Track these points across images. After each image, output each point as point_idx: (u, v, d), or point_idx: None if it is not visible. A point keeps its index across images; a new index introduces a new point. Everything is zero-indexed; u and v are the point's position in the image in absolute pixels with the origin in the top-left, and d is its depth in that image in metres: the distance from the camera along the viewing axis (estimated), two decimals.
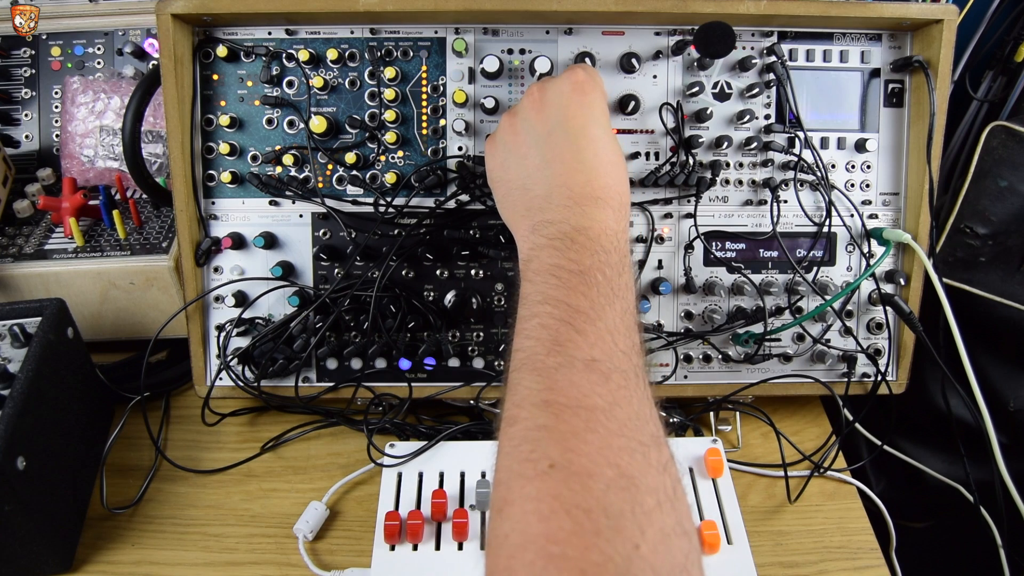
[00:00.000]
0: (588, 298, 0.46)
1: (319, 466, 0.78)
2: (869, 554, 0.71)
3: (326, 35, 0.76)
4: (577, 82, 0.57)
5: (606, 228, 0.51)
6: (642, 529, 0.36)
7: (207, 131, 0.77)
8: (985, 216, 0.82)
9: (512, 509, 0.38)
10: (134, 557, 0.70)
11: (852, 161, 0.79)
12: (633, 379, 0.43)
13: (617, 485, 0.37)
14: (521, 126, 0.58)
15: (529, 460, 0.39)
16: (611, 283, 0.47)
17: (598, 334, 0.44)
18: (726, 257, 0.79)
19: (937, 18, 0.73)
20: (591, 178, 0.53)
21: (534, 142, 0.56)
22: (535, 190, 0.55)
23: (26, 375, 0.64)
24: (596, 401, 0.41)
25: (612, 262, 0.49)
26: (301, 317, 0.76)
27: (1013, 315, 0.83)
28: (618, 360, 0.44)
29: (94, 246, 0.85)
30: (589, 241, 0.50)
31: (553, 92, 0.57)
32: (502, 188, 0.60)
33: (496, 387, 0.79)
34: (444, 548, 0.66)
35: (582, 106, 0.56)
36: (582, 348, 0.44)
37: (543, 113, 0.57)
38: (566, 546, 0.35)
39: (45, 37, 0.97)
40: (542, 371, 0.43)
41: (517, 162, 0.58)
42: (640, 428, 0.41)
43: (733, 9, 0.72)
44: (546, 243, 0.51)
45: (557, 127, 0.55)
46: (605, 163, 0.54)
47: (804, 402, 0.86)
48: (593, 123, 0.56)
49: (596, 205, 0.52)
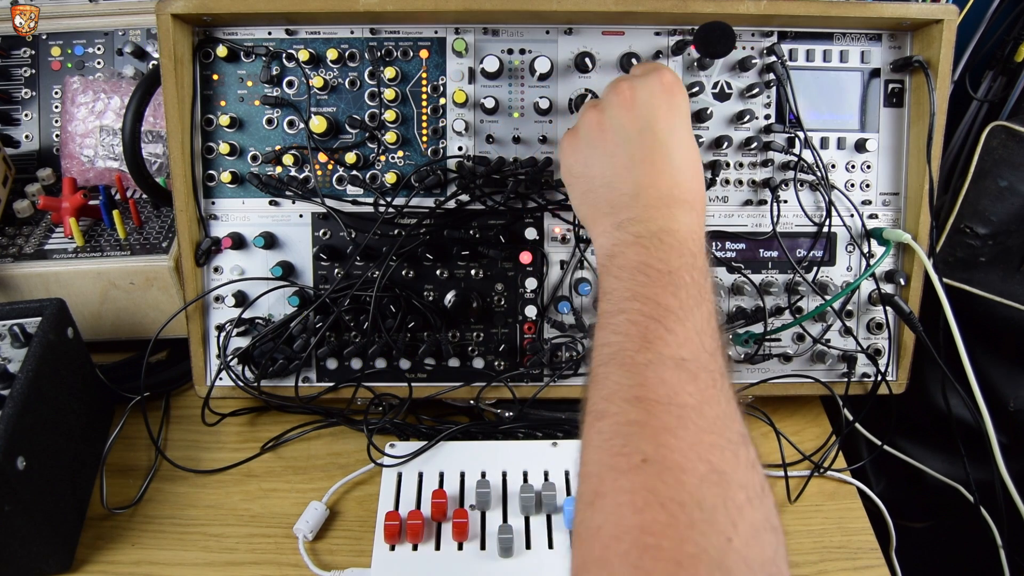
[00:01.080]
0: (677, 298, 0.47)
1: (319, 466, 0.78)
2: (869, 554, 0.71)
3: (326, 35, 0.76)
4: (667, 83, 0.57)
5: (692, 231, 0.52)
6: (734, 523, 0.36)
7: (207, 131, 0.77)
8: (985, 216, 0.82)
9: (605, 501, 0.39)
10: (134, 557, 0.70)
11: (852, 161, 0.79)
12: (719, 379, 0.44)
13: (709, 480, 0.38)
14: (609, 124, 0.57)
15: (621, 454, 0.40)
16: (698, 285, 0.48)
17: (687, 334, 0.45)
18: (726, 257, 0.79)
19: (937, 18, 0.73)
20: (679, 180, 0.54)
21: (623, 141, 0.56)
22: (622, 188, 0.55)
23: (26, 375, 0.64)
24: (686, 399, 0.41)
25: (698, 265, 0.50)
26: (301, 317, 0.76)
27: (1013, 315, 0.83)
28: (705, 360, 0.44)
29: (94, 246, 0.85)
30: (677, 243, 0.50)
31: (644, 92, 0.56)
32: (583, 183, 0.59)
33: (496, 387, 0.79)
34: (444, 548, 0.66)
35: (672, 108, 0.56)
36: (671, 347, 0.44)
37: (633, 112, 0.56)
38: (661, 537, 0.35)
39: (45, 37, 0.97)
40: (631, 367, 0.44)
41: (603, 159, 0.57)
42: (728, 426, 0.41)
43: (733, 9, 0.72)
44: (633, 240, 0.51)
45: (647, 128, 0.55)
46: (692, 166, 0.55)
47: (804, 402, 0.86)
48: (681, 125, 0.56)
49: (683, 208, 0.53)
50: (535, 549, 0.66)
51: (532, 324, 0.79)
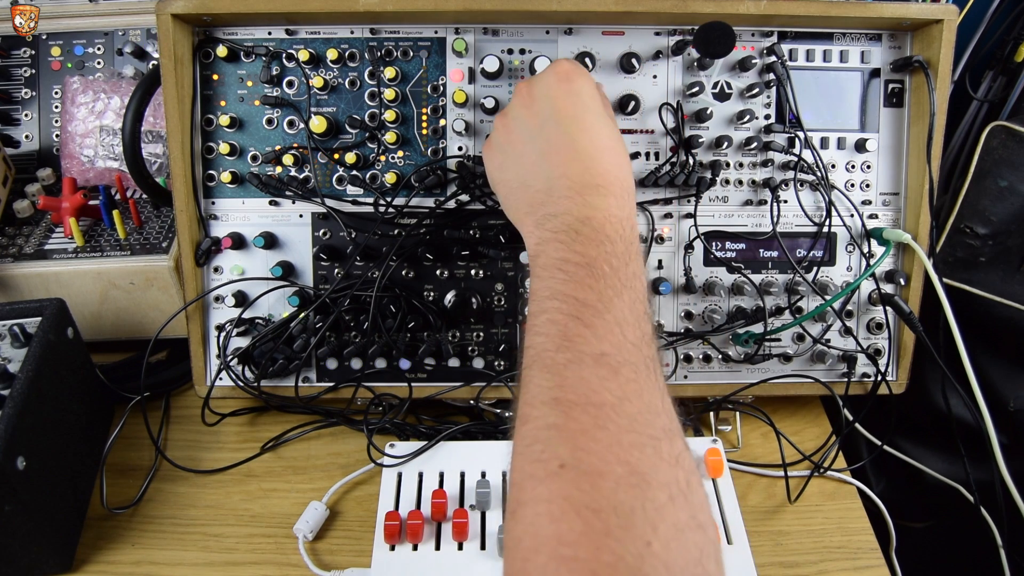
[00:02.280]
0: (595, 291, 0.46)
1: (319, 466, 0.78)
2: (869, 554, 0.71)
3: (326, 35, 0.76)
4: (562, 72, 0.56)
5: (610, 216, 0.50)
6: (654, 526, 0.36)
7: (207, 131, 0.77)
8: (985, 216, 0.82)
9: (524, 511, 0.38)
10: (134, 557, 0.70)
11: (852, 161, 0.79)
12: (643, 371, 0.43)
13: (627, 483, 0.37)
14: (513, 124, 0.58)
15: (540, 460, 0.39)
16: (618, 273, 0.47)
17: (607, 327, 0.44)
18: (726, 257, 0.79)
19: (937, 18, 0.73)
20: (589, 166, 0.53)
21: (528, 138, 0.56)
22: (535, 185, 0.55)
23: (26, 375, 0.64)
24: (606, 397, 0.41)
25: (618, 251, 0.49)
26: (301, 317, 0.76)
27: (1013, 315, 0.83)
28: (628, 352, 0.43)
29: (94, 246, 0.85)
30: (593, 232, 0.49)
31: (540, 86, 0.57)
32: (503, 189, 0.60)
33: (496, 387, 0.79)
34: (444, 548, 0.66)
35: (570, 95, 0.55)
36: (591, 342, 0.43)
37: (533, 108, 0.57)
38: (577, 548, 0.35)
39: (45, 37, 0.97)
40: (552, 368, 0.43)
41: (514, 161, 0.58)
42: (651, 421, 0.41)
43: (733, 9, 0.72)
44: (551, 237, 0.51)
45: (549, 119, 0.55)
46: (602, 149, 0.54)
47: (804, 402, 0.86)
48: (584, 111, 0.55)
49: (597, 193, 0.51)
50: None
51: None
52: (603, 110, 0.57)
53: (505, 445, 0.74)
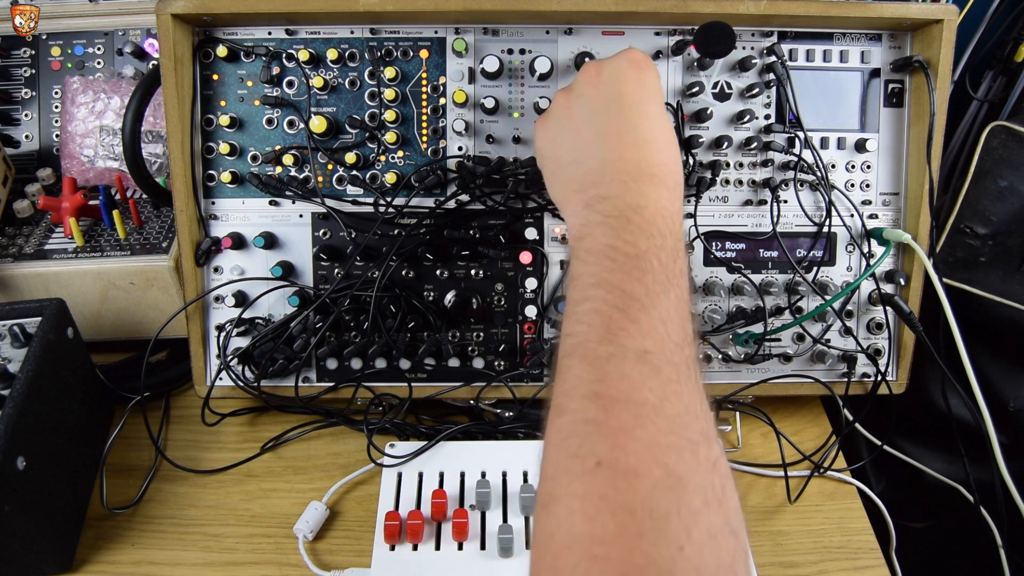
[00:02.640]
0: (643, 284, 0.45)
1: (319, 466, 0.78)
2: (869, 554, 0.71)
3: (326, 35, 0.76)
4: (634, 59, 0.56)
5: (661, 208, 0.49)
6: (688, 530, 0.35)
7: (207, 131, 0.77)
8: (985, 216, 0.82)
9: (558, 507, 0.38)
10: (134, 557, 0.70)
11: (852, 161, 0.79)
12: (685, 372, 0.42)
13: (664, 485, 0.37)
14: (576, 101, 0.57)
15: (576, 456, 0.39)
16: (666, 269, 0.46)
17: (651, 324, 0.43)
18: (726, 257, 0.79)
19: (937, 18, 0.73)
20: (646, 153, 0.52)
21: (589, 116, 0.55)
22: (588, 164, 0.54)
23: (26, 375, 0.64)
24: (647, 396, 0.40)
25: (667, 246, 0.47)
26: (301, 317, 0.76)
27: (1013, 315, 0.83)
28: (670, 352, 0.42)
29: (94, 246, 0.85)
30: (644, 222, 0.48)
31: (610, 68, 0.56)
32: (552, 164, 0.59)
33: (496, 387, 0.79)
34: (444, 548, 0.66)
35: (639, 82, 0.55)
36: (635, 338, 0.42)
37: (599, 87, 0.56)
38: (609, 548, 0.35)
39: (45, 37, 0.97)
40: (593, 360, 0.42)
41: (571, 136, 0.56)
42: (690, 424, 0.40)
43: (733, 9, 0.72)
44: (600, 220, 0.49)
45: (613, 102, 0.54)
46: (660, 140, 0.53)
47: (804, 402, 0.86)
48: (649, 100, 0.55)
49: (651, 182, 0.50)
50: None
51: (532, 324, 0.79)
52: (664, 106, 0.57)
53: (506, 445, 0.75)
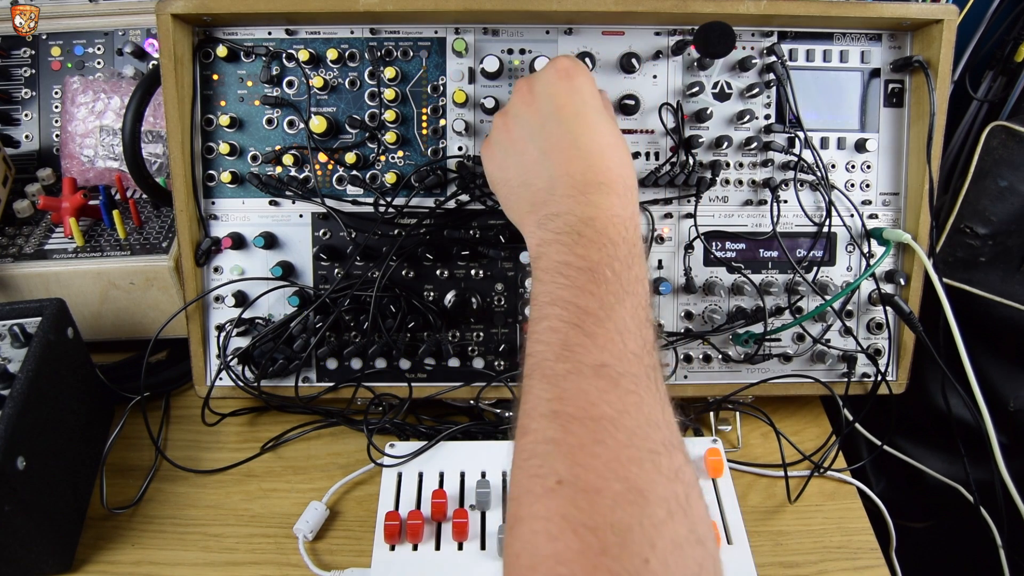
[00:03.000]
0: (596, 297, 0.45)
1: (319, 466, 0.78)
2: (869, 554, 0.71)
3: (326, 35, 0.76)
4: (562, 69, 0.56)
5: (613, 216, 0.49)
6: (652, 543, 0.35)
7: (207, 131, 0.77)
8: (985, 216, 0.82)
9: (522, 528, 0.38)
10: (134, 557, 0.70)
11: (852, 161, 0.79)
12: (644, 381, 0.42)
13: (625, 499, 0.37)
14: (514, 122, 0.58)
15: (537, 476, 0.39)
16: (620, 278, 0.46)
17: (607, 336, 0.43)
18: (726, 257, 0.79)
19: (937, 18, 0.73)
20: (592, 163, 0.52)
21: (529, 136, 0.56)
22: (536, 183, 0.54)
23: (26, 375, 0.64)
24: (604, 410, 0.40)
25: (621, 255, 0.48)
26: (301, 317, 0.76)
27: (1013, 315, 0.83)
28: (628, 363, 0.43)
29: (94, 246, 0.85)
30: (596, 233, 0.48)
31: (541, 83, 0.56)
32: (504, 188, 0.59)
33: (496, 387, 0.79)
34: (444, 548, 0.66)
35: (571, 91, 0.55)
36: (591, 352, 0.43)
37: (534, 105, 0.56)
38: (573, 566, 0.35)
39: (45, 37, 0.97)
40: (551, 378, 0.43)
41: (515, 159, 0.57)
42: (650, 435, 0.40)
43: (733, 9, 0.72)
44: (553, 238, 0.50)
45: (550, 117, 0.55)
46: (604, 146, 0.53)
47: (804, 402, 0.86)
48: (586, 107, 0.55)
49: (600, 191, 0.50)
50: None
51: None
52: (603, 109, 0.56)
53: (505, 445, 0.75)
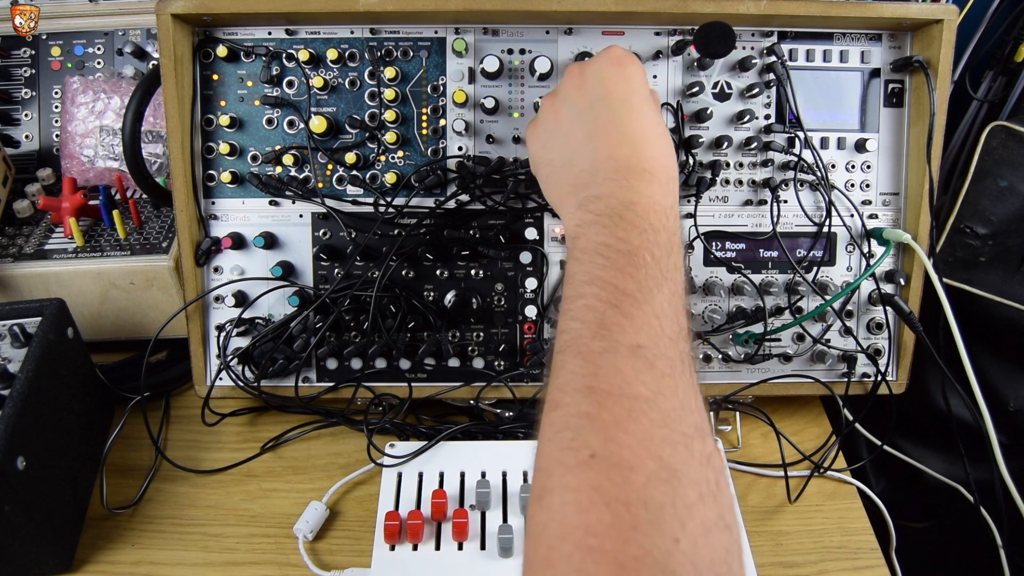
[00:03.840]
0: (636, 280, 0.45)
1: (319, 466, 0.78)
2: (869, 554, 0.71)
3: (326, 35, 0.76)
4: (615, 57, 0.56)
5: (654, 203, 0.49)
6: (683, 523, 0.35)
7: (207, 131, 0.77)
8: (985, 216, 0.82)
9: (552, 498, 0.38)
10: (134, 557, 0.70)
11: (852, 161, 0.79)
12: (679, 367, 0.42)
13: (658, 478, 0.37)
14: (562, 104, 0.58)
15: (570, 448, 0.39)
16: (660, 264, 0.46)
17: (645, 318, 0.43)
18: (726, 257, 0.79)
19: (937, 18, 0.73)
20: (636, 149, 0.52)
21: (576, 117, 0.56)
22: (580, 165, 0.54)
23: (26, 375, 0.64)
24: (640, 390, 0.40)
25: (661, 241, 0.48)
26: (301, 317, 0.76)
27: (1013, 315, 0.83)
28: (664, 347, 0.43)
29: (94, 246, 0.85)
30: (637, 218, 0.48)
31: (592, 68, 0.57)
32: (546, 168, 0.59)
33: (496, 387, 0.79)
34: (444, 548, 0.66)
35: (622, 78, 0.55)
36: (628, 333, 0.43)
37: (584, 89, 0.56)
38: (604, 539, 0.35)
39: (45, 37, 0.97)
40: (587, 355, 0.42)
41: (560, 140, 0.57)
42: (684, 419, 0.40)
43: (733, 9, 0.72)
44: (593, 219, 0.50)
45: (599, 100, 0.55)
46: (650, 135, 0.53)
47: (804, 402, 0.86)
48: (635, 95, 0.55)
49: (643, 178, 0.51)
50: None
51: (532, 324, 0.79)
52: (651, 100, 0.57)
53: (505, 445, 0.75)
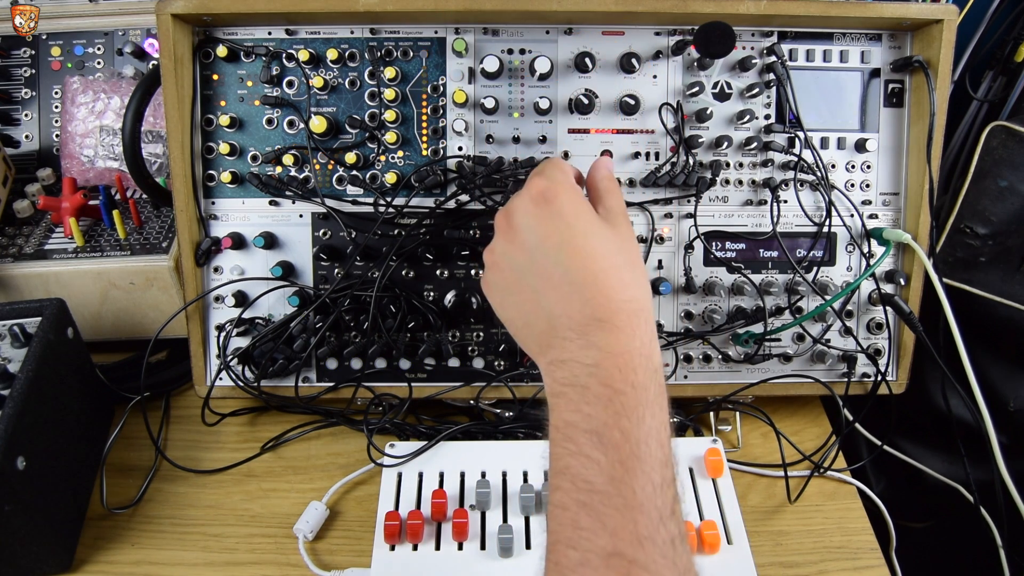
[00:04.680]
0: (603, 469, 0.42)
1: (319, 466, 0.78)
2: (869, 554, 0.71)
3: (326, 35, 0.76)
4: (537, 194, 0.51)
5: (618, 358, 0.46)
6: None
7: (207, 131, 0.77)
8: (985, 216, 0.82)
9: None
10: (134, 557, 0.70)
11: (852, 161, 0.79)
12: (659, 562, 0.40)
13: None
14: (503, 260, 0.54)
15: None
16: (630, 439, 0.43)
17: (617, 517, 0.41)
18: (726, 257, 0.79)
19: (937, 18, 0.73)
20: (588, 296, 0.48)
21: (520, 275, 0.52)
22: (538, 325, 0.51)
23: (26, 375, 0.64)
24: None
25: (630, 406, 0.44)
26: (301, 317, 0.76)
27: (1013, 315, 0.83)
28: (639, 549, 0.40)
29: (94, 246, 0.85)
30: (601, 386, 0.45)
31: (519, 215, 0.52)
32: (511, 328, 0.55)
33: (496, 387, 0.79)
34: (444, 548, 0.66)
35: (552, 217, 0.50)
36: (601, 538, 0.40)
37: (516, 241, 0.52)
38: None
39: (45, 37, 0.97)
40: (565, 568, 0.41)
41: (512, 299, 0.54)
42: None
43: (733, 9, 0.72)
44: (560, 390, 0.47)
45: (536, 250, 0.51)
46: (599, 273, 0.49)
47: (804, 402, 0.86)
48: (571, 233, 0.50)
49: (601, 329, 0.47)
50: (535, 549, 0.66)
51: None
52: (594, 223, 0.51)
53: (505, 445, 0.75)
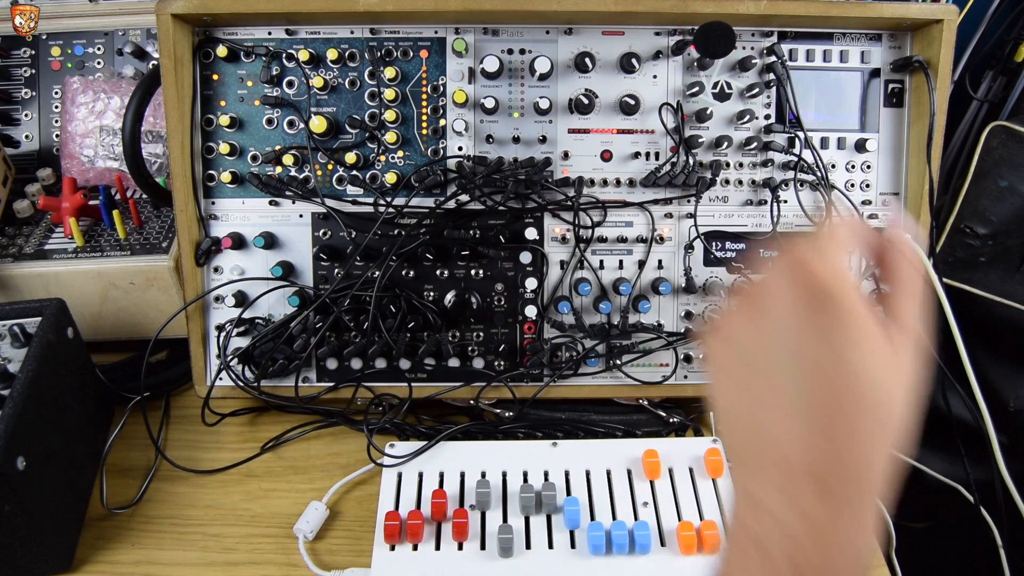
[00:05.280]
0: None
1: (319, 466, 0.78)
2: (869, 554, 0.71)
3: (326, 35, 0.76)
4: (814, 282, 0.34)
5: (838, 541, 0.35)
6: None
7: (207, 131, 0.77)
8: (985, 216, 0.82)
9: None
10: (134, 557, 0.69)
11: (852, 161, 0.79)
12: None
13: None
14: (731, 338, 0.39)
15: None
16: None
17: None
18: (726, 257, 0.79)
19: (937, 18, 0.73)
20: (859, 453, 0.35)
21: (747, 371, 0.37)
22: (785, 448, 0.35)
23: (26, 375, 0.64)
24: None
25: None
26: (301, 317, 0.76)
27: (1013, 315, 0.83)
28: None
29: (94, 246, 0.85)
30: (787, 563, 0.34)
31: (778, 303, 0.35)
32: (731, 419, 0.40)
33: (496, 387, 0.79)
34: (444, 548, 0.66)
35: (823, 328, 0.34)
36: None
37: (759, 330, 0.36)
38: None
39: (45, 37, 0.97)
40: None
41: (763, 391, 0.37)
42: None
43: (733, 9, 0.72)
44: (751, 544, 0.35)
45: (779, 357, 0.35)
46: (848, 429, 0.35)
47: None
48: (841, 360, 0.34)
49: (849, 504, 0.35)
50: (535, 549, 0.66)
51: (532, 324, 0.79)
52: (878, 353, 0.34)
53: (505, 445, 0.75)
